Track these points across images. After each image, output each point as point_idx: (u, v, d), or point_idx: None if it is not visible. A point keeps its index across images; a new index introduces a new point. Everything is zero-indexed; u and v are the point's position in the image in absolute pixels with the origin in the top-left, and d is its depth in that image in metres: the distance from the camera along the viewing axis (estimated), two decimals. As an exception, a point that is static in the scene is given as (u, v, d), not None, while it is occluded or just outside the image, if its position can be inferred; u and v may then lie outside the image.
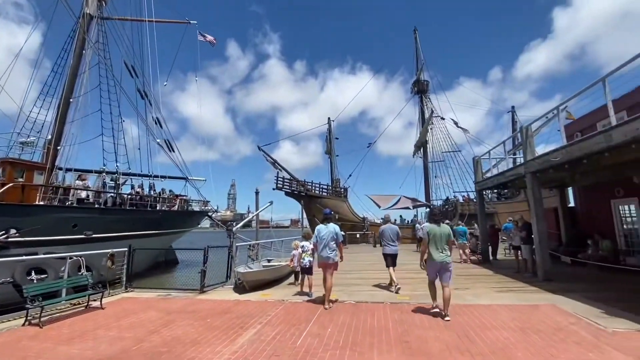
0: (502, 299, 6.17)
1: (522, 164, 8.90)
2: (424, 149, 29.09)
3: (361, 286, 7.80)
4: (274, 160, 29.21)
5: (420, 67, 29.44)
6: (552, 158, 7.09)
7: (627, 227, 10.08)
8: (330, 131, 30.05)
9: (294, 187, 27.97)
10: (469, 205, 26.54)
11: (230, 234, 8.21)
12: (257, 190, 10.95)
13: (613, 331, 4.34)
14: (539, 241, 8.21)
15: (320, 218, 27.90)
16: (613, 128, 5.52)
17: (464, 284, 7.75)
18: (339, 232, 6.28)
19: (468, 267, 10.82)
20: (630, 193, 9.73)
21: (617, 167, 8.00)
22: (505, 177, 10.14)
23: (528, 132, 8.68)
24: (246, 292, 7.30)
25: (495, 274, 9.35)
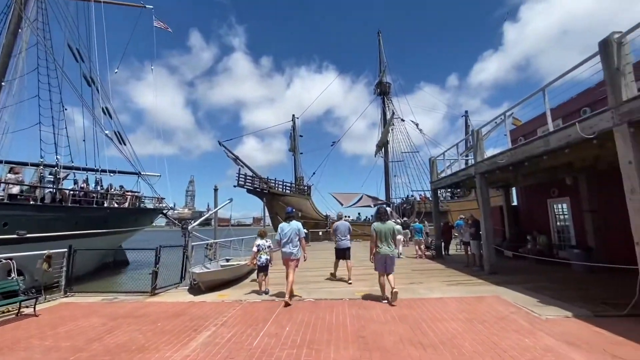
0: (452, 292, 6.54)
1: (472, 165, 9.50)
2: (385, 149, 30.03)
3: (321, 283, 7.84)
4: (235, 157, 28.45)
5: (383, 69, 30.33)
6: (498, 160, 7.65)
7: (560, 224, 11.21)
8: (295, 128, 29.93)
9: (257, 184, 27.48)
10: (426, 203, 27.90)
11: (186, 233, 7.81)
12: (215, 187, 10.53)
13: (546, 318, 4.78)
14: (486, 237, 8.83)
15: (283, 216, 27.76)
16: (550, 134, 6.06)
17: (419, 279, 8.11)
18: (301, 229, 6.42)
19: (423, 262, 11.35)
20: (564, 193, 10.82)
21: (553, 170, 8.85)
22: (457, 177, 10.77)
23: (479, 135, 9.28)
24: (202, 293, 7.00)
25: (447, 268, 9.90)
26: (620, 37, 4.63)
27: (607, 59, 4.81)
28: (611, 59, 4.73)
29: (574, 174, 9.29)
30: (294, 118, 30.09)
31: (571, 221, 10.55)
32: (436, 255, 12.67)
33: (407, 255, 13.09)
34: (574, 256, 8.64)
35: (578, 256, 8.55)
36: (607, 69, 4.83)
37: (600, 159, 7.78)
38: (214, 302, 6.36)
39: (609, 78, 4.77)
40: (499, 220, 13.92)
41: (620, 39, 4.63)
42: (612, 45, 4.69)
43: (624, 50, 4.67)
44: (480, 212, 9.05)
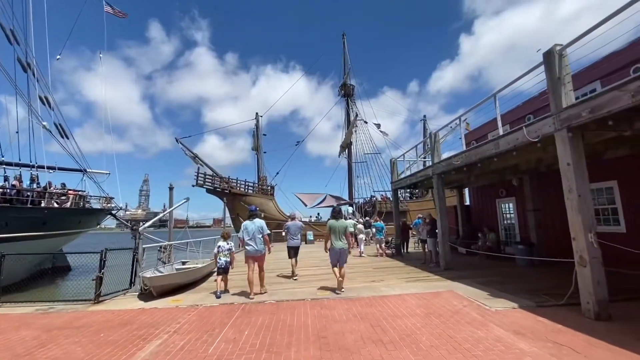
0: (411, 289, 6.72)
1: (430, 167, 9.91)
2: (348, 150, 30.49)
3: (283, 284, 7.67)
4: (194, 155, 27.26)
5: (347, 71, 30.81)
6: (454, 161, 8.04)
7: (507, 222, 12.09)
8: (258, 127, 29.29)
9: (217, 184, 26.52)
10: (387, 203, 28.75)
11: (136, 235, 7.22)
12: (170, 185, 9.86)
13: (496, 310, 5.07)
14: (442, 235, 9.24)
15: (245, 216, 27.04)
16: (500, 137, 6.46)
17: (379, 276, 8.25)
18: (264, 226, 6.70)
19: (383, 260, 11.62)
20: (510, 193, 11.69)
21: (501, 171, 9.50)
22: (416, 177, 11.18)
23: (436, 138, 9.69)
24: (154, 299, 6.51)
25: (406, 265, 10.22)
26: (562, 49, 5.04)
27: (550, 68, 5.22)
28: (553, 69, 5.14)
29: (519, 175, 10.07)
30: (257, 116, 29.46)
31: (516, 219, 11.42)
32: (396, 254, 13.06)
33: (368, 254, 13.35)
34: (518, 251, 9.34)
35: (522, 251, 9.26)
36: (549, 78, 5.24)
37: (541, 162, 8.50)
38: (167, 308, 5.94)
39: (551, 86, 5.18)
40: (453, 219, 14.70)
41: (561, 50, 5.05)
42: (554, 56, 5.10)
43: (564, 62, 5.09)
44: (437, 211, 9.46)
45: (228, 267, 6.92)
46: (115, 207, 18.15)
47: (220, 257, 6.86)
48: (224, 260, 6.85)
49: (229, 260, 6.93)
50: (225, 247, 6.95)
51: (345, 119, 31.02)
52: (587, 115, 4.51)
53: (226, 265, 6.86)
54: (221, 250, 6.91)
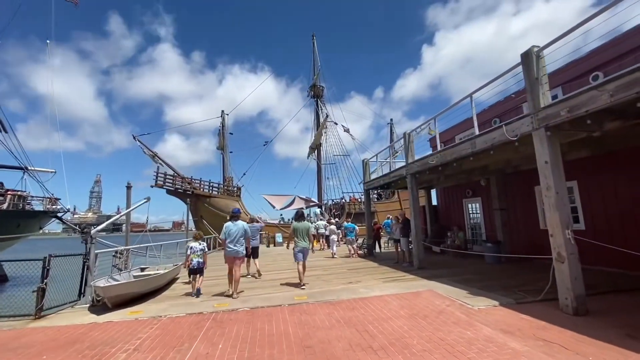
0: (390, 289, 6.57)
1: (404, 167, 9.94)
2: (317, 151, 30.31)
3: (256, 289, 7.18)
4: (153, 153, 25.55)
5: (317, 72, 30.66)
6: (430, 161, 8.08)
7: (473, 221, 12.52)
8: (224, 125, 28.12)
9: (178, 184, 25.03)
10: (356, 204, 28.96)
11: (87, 238, 6.35)
12: (128, 184, 8.89)
13: (478, 309, 5.03)
14: (415, 234, 9.27)
15: (209, 220, 25.58)
16: (477, 137, 6.54)
17: (356, 277, 8.05)
18: (247, 229, 6.86)
19: (356, 261, 11.48)
20: (477, 194, 12.11)
21: (471, 172, 9.76)
22: (389, 177, 11.20)
23: (409, 138, 9.74)
24: (109, 311, 5.74)
25: (379, 265, 10.14)
26: (539, 50, 5.16)
27: (527, 69, 5.33)
28: (531, 69, 5.25)
29: (487, 176, 10.43)
30: (223, 114, 28.26)
31: (482, 218, 11.85)
32: (368, 254, 13.00)
33: (339, 254, 13.17)
34: (487, 249, 9.64)
35: (490, 249, 9.56)
36: (527, 78, 5.35)
37: (509, 163, 8.82)
38: (124, 321, 5.23)
39: (529, 86, 5.29)
40: (422, 219, 14.98)
41: (539, 52, 5.17)
42: (532, 57, 5.21)
43: (541, 62, 5.22)
44: (411, 210, 9.49)
45: (202, 268, 6.94)
46: (62, 209, 16.32)
47: (192, 258, 6.86)
48: (196, 261, 6.86)
49: (202, 260, 6.95)
50: (198, 248, 7.00)
51: (315, 120, 30.86)
52: (565, 115, 4.61)
53: (199, 266, 6.87)
54: (194, 251, 6.93)
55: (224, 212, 25.27)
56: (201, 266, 6.90)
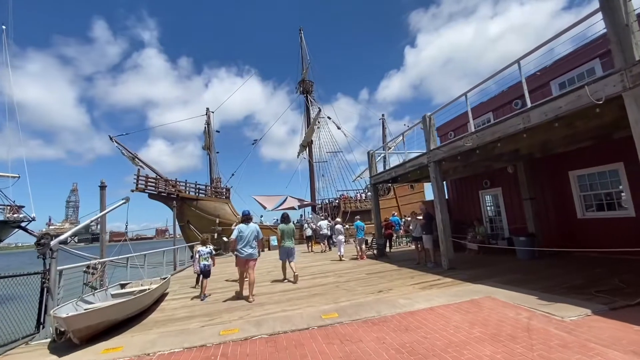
0: (436, 298, 5.35)
1: (424, 154, 8.79)
2: (309, 148, 28.98)
3: (267, 305, 5.81)
4: (133, 154, 23.59)
5: (306, 66, 29.34)
6: (465, 143, 6.93)
7: (492, 214, 11.53)
8: (210, 123, 26.35)
9: (162, 187, 23.16)
10: (351, 203, 27.79)
11: (46, 252, 4.81)
12: (102, 183, 7.25)
13: (571, 320, 3.89)
14: (443, 230, 8.13)
15: (197, 224, 23.85)
16: (533, 108, 5.43)
17: (384, 284, 6.80)
18: (260, 231, 6.74)
19: (369, 263, 10.24)
20: (496, 184, 11.13)
21: (498, 158, 8.70)
22: (404, 168, 10.03)
23: (430, 121, 8.61)
24: (76, 349, 4.25)
25: (400, 267, 8.94)
26: (631, -12, 4.08)
27: (612, 14, 4.23)
28: (618, 14, 4.15)
29: (514, 162, 9.42)
30: (208, 112, 26.49)
31: (504, 210, 10.86)
32: (378, 255, 11.81)
33: (347, 256, 11.92)
34: (520, 243, 8.60)
35: (523, 243, 8.53)
36: (612, 25, 4.25)
37: (545, 145, 7.80)
38: (97, 364, 3.79)
39: (616, 35, 4.20)
40: (433, 214, 13.96)
41: (630, -9, 4.08)
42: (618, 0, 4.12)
43: (630, 6, 4.13)
44: (436, 203, 8.35)
45: (209, 271, 7.15)
46: (25, 217, 14.33)
47: (200, 261, 7.09)
48: (204, 264, 7.05)
49: (209, 263, 7.16)
50: (205, 251, 7.20)
51: (305, 116, 29.49)
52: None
53: (206, 269, 7.05)
54: (201, 254, 7.15)
55: (212, 216, 23.55)
56: (208, 269, 7.07)
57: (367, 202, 28.45)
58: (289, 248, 7.98)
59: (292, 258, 8.00)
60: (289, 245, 7.98)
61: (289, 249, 7.98)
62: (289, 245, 7.99)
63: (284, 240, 7.99)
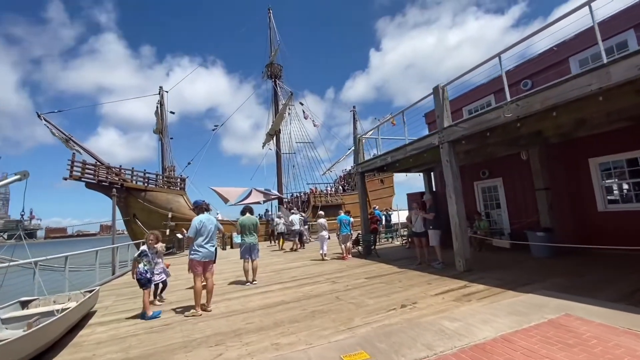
0: (492, 318, 3.81)
1: (435, 133, 7.32)
2: (277, 138, 26.75)
3: (246, 335, 3.86)
4: (67, 136, 19.83)
5: (275, 49, 26.90)
6: (505, 113, 5.48)
7: (490, 208, 10.51)
8: (162, 103, 22.96)
9: (102, 175, 19.66)
10: (321, 197, 26.19)
11: None
12: None
13: None
14: (458, 224, 6.74)
15: (143, 217, 20.77)
16: (611, 64, 4.08)
17: (398, 293, 5.17)
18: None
19: (361, 264, 8.62)
20: (496, 174, 10.09)
21: (512, 142, 7.52)
22: (404, 152, 8.51)
23: (444, 93, 7.15)
24: None
25: (402, 269, 7.43)
26: None
27: None
28: None
29: (526, 147, 8.33)
30: (161, 90, 23.08)
31: (504, 203, 9.86)
32: (365, 253, 10.26)
33: (327, 255, 10.23)
34: (537, 239, 7.50)
35: (541, 239, 7.44)
36: None
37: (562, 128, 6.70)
38: None
39: None
40: (422, 208, 12.76)
41: None
42: None
43: None
44: (450, 192, 6.93)
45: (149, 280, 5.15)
46: None
47: (139, 266, 5.08)
48: (143, 269, 5.06)
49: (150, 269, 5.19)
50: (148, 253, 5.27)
51: (273, 102, 27.13)
52: None
53: (144, 277, 5.02)
54: (144, 254, 5.20)
55: (164, 209, 20.51)
56: (149, 277, 5.10)
57: (337, 197, 27.04)
58: (251, 244, 6.92)
59: (255, 256, 6.95)
60: (251, 242, 6.93)
61: (251, 245, 6.92)
62: (251, 241, 6.93)
63: (246, 236, 6.96)
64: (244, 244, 6.95)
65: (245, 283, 6.90)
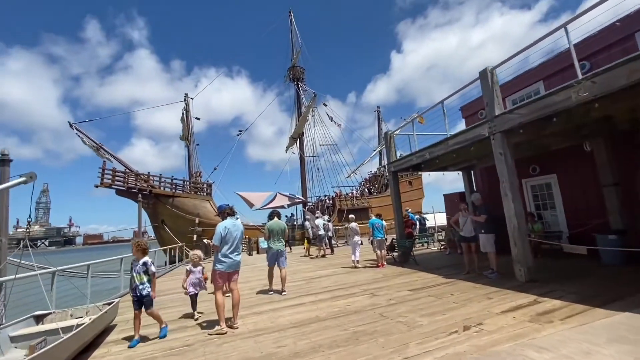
0: (594, 349, 2.95)
1: (484, 122, 6.45)
2: (300, 141, 26.36)
3: None
4: (97, 145, 20.39)
5: (297, 52, 26.64)
6: (579, 93, 4.56)
7: (544, 209, 9.35)
8: (188, 110, 23.23)
9: (131, 182, 20.02)
10: (347, 200, 25.43)
11: None
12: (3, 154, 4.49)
13: None
14: (517, 227, 5.81)
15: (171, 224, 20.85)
16: None
17: (455, 310, 4.36)
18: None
19: (400, 272, 7.82)
20: (548, 169, 8.96)
21: (579, 129, 6.49)
22: (446, 146, 7.66)
23: (493, 77, 6.28)
24: None
25: (449, 278, 6.56)
26: None
27: None
28: None
29: (591, 138, 7.24)
30: (186, 97, 23.37)
31: (560, 202, 8.70)
32: (402, 260, 9.41)
33: (357, 261, 9.47)
34: (609, 243, 6.40)
35: (614, 243, 6.34)
36: None
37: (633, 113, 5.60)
38: None
39: None
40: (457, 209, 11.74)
41: None
42: None
43: None
44: (505, 189, 6.03)
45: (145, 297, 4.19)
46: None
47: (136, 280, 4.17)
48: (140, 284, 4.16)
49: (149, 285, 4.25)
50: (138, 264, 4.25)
51: (296, 105, 26.84)
52: None
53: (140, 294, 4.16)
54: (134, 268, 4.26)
55: (191, 215, 20.57)
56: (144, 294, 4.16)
57: (364, 200, 26.18)
58: (277, 251, 6.53)
59: (282, 263, 6.55)
60: (278, 248, 6.54)
61: (277, 251, 6.53)
62: (278, 247, 6.54)
63: (273, 241, 6.57)
64: (271, 250, 6.59)
65: (269, 292, 6.52)
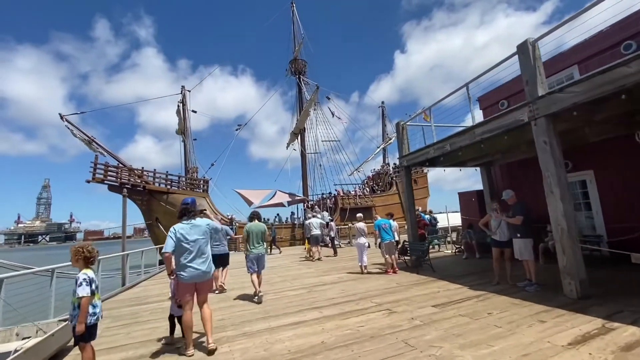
0: None
1: (524, 105, 5.40)
2: (301, 137, 25.32)
3: None
4: (89, 138, 19.43)
5: (299, 44, 25.58)
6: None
7: (577, 209, 8.30)
8: (184, 103, 22.20)
9: (124, 178, 19.04)
10: (349, 199, 24.41)
11: None
12: None
13: None
14: (567, 231, 4.77)
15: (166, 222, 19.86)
16: None
17: (502, 339, 3.33)
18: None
19: (417, 281, 6.80)
20: (583, 165, 7.93)
21: (633, 115, 5.44)
22: (472, 136, 6.61)
23: (536, 51, 5.24)
24: None
25: (477, 290, 5.53)
26: None
27: None
28: None
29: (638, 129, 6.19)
30: (183, 90, 22.33)
31: (598, 203, 7.67)
32: (415, 265, 8.38)
33: (361, 267, 8.45)
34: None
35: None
36: None
37: None
38: None
39: None
40: (476, 210, 10.73)
41: None
42: None
43: None
44: (552, 185, 4.99)
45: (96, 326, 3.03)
46: None
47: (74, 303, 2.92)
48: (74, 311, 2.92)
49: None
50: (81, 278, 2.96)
51: (297, 99, 25.81)
52: None
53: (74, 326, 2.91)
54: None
55: (186, 212, 19.57)
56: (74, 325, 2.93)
57: (367, 198, 25.16)
58: (258, 255, 6.15)
59: (261, 268, 6.22)
60: (259, 252, 6.15)
61: (258, 256, 6.15)
62: (259, 251, 6.16)
63: (252, 245, 6.11)
64: (251, 254, 6.12)
65: (254, 297, 6.07)
